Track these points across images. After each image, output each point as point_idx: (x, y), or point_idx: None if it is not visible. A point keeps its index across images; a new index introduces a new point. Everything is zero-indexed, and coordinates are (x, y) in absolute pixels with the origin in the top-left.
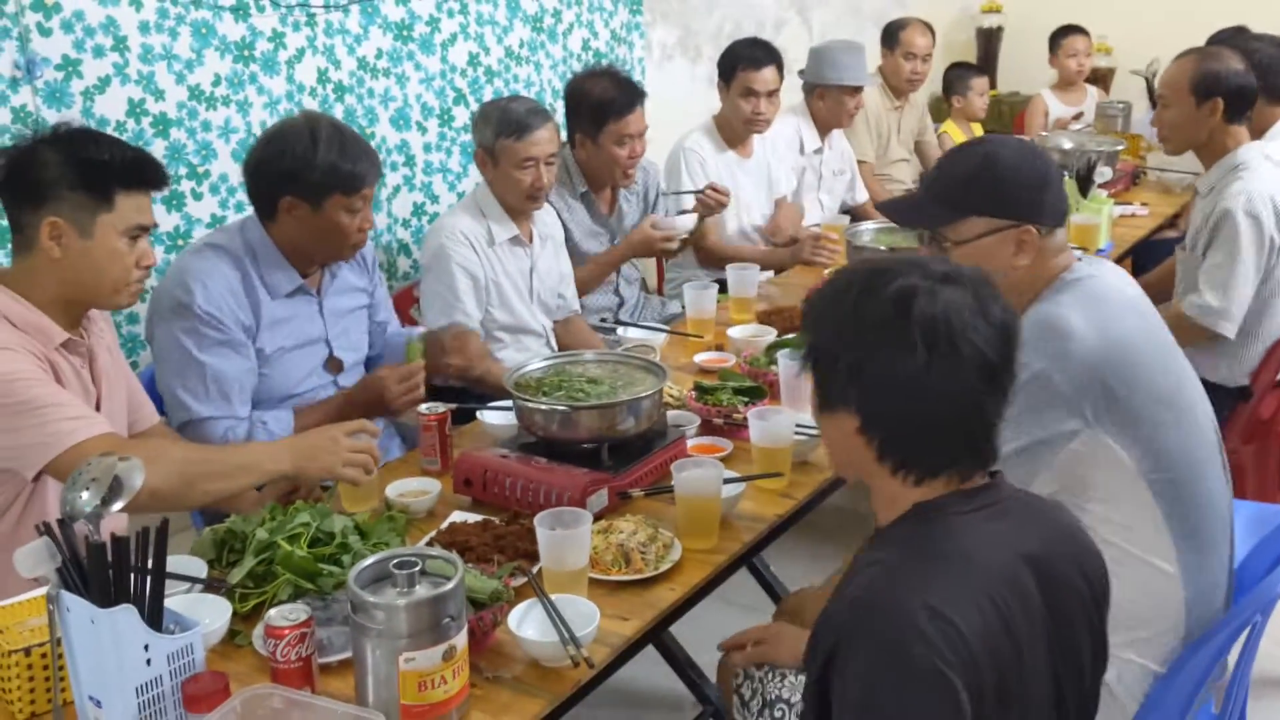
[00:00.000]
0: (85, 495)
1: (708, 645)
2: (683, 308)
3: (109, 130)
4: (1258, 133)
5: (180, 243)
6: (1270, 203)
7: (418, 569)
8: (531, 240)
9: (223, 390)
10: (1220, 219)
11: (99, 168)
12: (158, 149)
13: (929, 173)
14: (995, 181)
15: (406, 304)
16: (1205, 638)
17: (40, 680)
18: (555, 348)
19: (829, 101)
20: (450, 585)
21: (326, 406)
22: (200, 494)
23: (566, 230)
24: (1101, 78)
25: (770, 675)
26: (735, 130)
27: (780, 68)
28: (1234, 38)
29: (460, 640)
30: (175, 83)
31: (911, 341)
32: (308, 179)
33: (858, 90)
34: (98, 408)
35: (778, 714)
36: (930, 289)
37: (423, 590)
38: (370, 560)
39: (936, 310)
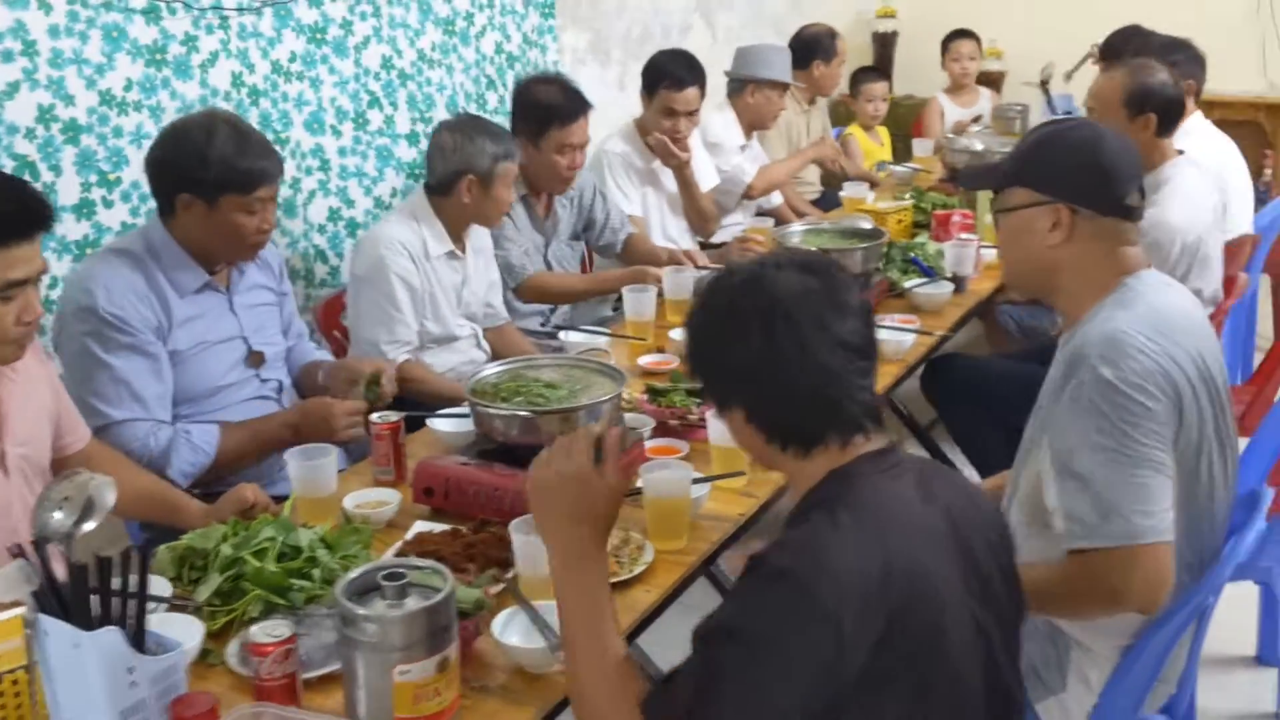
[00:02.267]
0: (59, 515)
1: (670, 650)
2: (612, 311)
3: (18, 138)
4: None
5: (89, 251)
6: (1176, 233)
7: (406, 580)
8: (465, 253)
9: (134, 393)
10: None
11: None
12: (68, 156)
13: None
14: (1044, 158)
15: (334, 312)
16: (1164, 619)
17: (13, 709)
18: (487, 349)
19: (759, 99)
20: (442, 596)
21: (259, 426)
22: None
23: (506, 233)
24: (993, 81)
25: None
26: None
27: (703, 86)
28: (1131, 39)
29: (453, 651)
30: (86, 88)
31: (763, 326)
32: (202, 178)
33: (786, 88)
34: (2, 461)
35: None
36: (774, 276)
37: (415, 601)
38: (356, 573)
39: (779, 295)
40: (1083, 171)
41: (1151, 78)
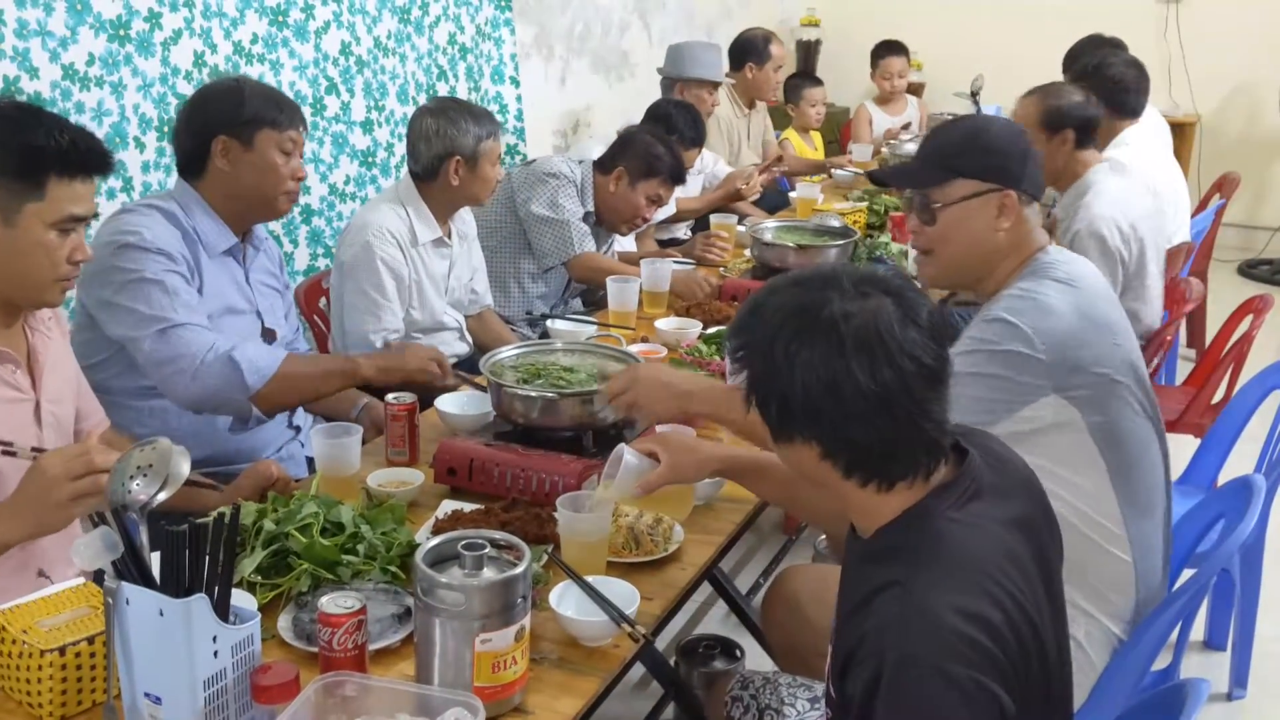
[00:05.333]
0: (139, 484)
1: (667, 635)
2: (584, 306)
3: None
4: (1104, 143)
5: None
6: (1112, 222)
7: (486, 551)
8: (451, 239)
9: (187, 304)
10: (1072, 241)
11: (32, 152)
12: None
13: (923, 142)
14: (984, 148)
15: (314, 298)
16: (1166, 603)
17: (73, 681)
18: (469, 341)
19: (689, 98)
20: (523, 566)
21: (326, 362)
22: None
23: (563, 200)
24: (914, 90)
25: (764, 686)
26: None
27: (701, 147)
28: (1093, 49)
29: (528, 621)
30: (49, 61)
31: (850, 369)
32: (238, 117)
33: (716, 86)
34: (36, 411)
35: None
36: (858, 310)
37: (497, 571)
38: (433, 543)
39: (869, 333)
40: (1019, 158)
41: (1062, 99)
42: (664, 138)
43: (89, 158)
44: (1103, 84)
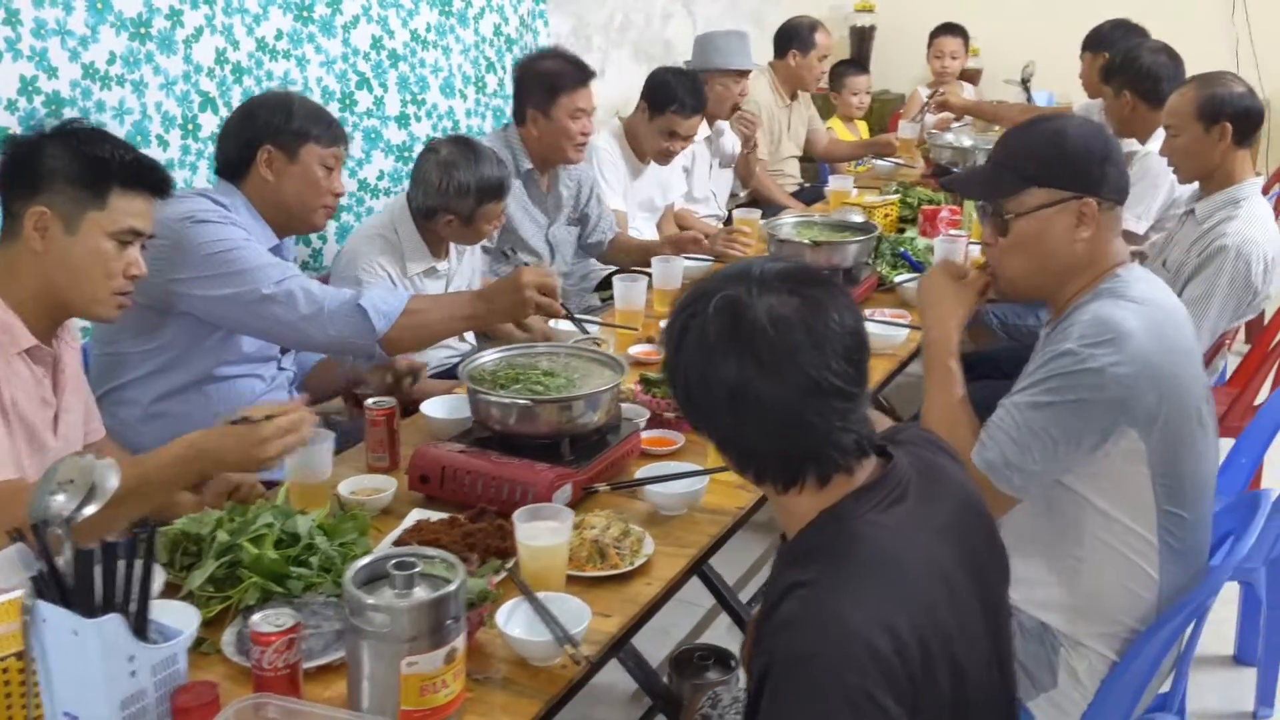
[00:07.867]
0: (61, 499)
1: (660, 642)
2: (600, 302)
3: None
4: (1145, 136)
5: None
6: (1263, 251)
7: (417, 570)
8: (447, 254)
9: (283, 262)
10: (1214, 254)
11: (97, 163)
12: None
13: (995, 146)
14: (1061, 154)
15: None
16: (1161, 622)
17: (0, 697)
18: (470, 337)
19: (715, 89)
20: (453, 586)
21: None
22: None
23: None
24: (969, 77)
25: (732, 705)
26: (641, 147)
27: (704, 112)
28: (1115, 30)
29: (460, 642)
30: (69, 60)
31: (715, 363)
32: (286, 128)
33: (743, 75)
34: (54, 421)
35: None
36: (746, 305)
37: (425, 591)
38: (365, 561)
39: (742, 330)
40: (1099, 161)
41: (1223, 88)
42: (542, 52)
43: (150, 175)
44: (1134, 75)
